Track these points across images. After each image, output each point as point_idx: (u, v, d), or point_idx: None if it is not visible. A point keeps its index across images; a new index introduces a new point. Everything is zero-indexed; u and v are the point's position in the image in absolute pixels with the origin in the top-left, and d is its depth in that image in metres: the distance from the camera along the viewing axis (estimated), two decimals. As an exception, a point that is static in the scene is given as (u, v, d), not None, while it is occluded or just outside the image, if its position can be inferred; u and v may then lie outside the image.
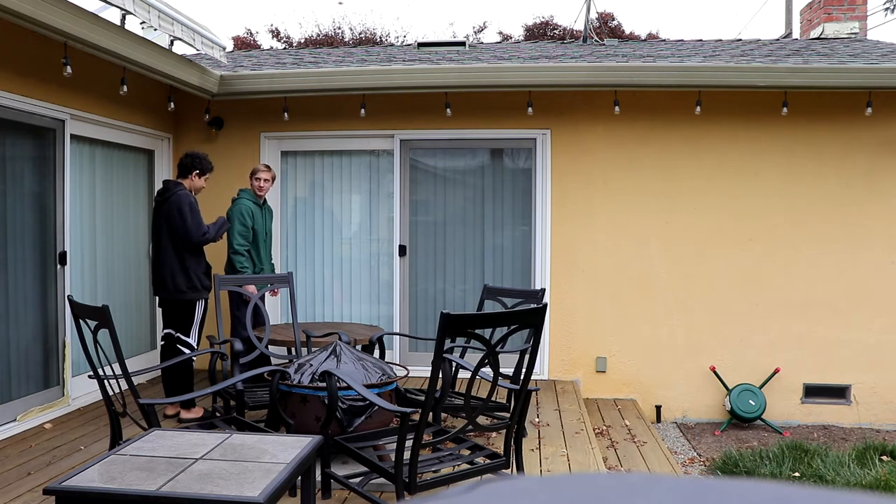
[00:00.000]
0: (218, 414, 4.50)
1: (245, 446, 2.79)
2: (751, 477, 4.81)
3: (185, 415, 4.97)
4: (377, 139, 6.71)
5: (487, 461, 3.33)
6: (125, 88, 5.32)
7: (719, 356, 6.32)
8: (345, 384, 3.56)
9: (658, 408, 6.39)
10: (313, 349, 4.72)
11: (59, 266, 5.22)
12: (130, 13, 4.79)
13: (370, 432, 3.62)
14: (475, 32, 20.21)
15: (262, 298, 5.10)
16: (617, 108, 6.12)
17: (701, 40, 8.53)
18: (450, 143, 6.65)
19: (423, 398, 4.07)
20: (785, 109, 6.02)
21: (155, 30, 5.34)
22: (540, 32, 18.83)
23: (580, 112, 6.42)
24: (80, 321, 3.51)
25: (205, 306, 5.01)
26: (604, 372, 6.44)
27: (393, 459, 3.16)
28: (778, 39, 8.83)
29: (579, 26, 11.32)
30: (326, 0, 28.68)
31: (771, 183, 6.28)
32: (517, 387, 3.54)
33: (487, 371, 3.19)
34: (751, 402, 6.01)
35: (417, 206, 6.72)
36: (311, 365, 3.90)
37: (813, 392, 6.29)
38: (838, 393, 6.28)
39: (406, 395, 4.41)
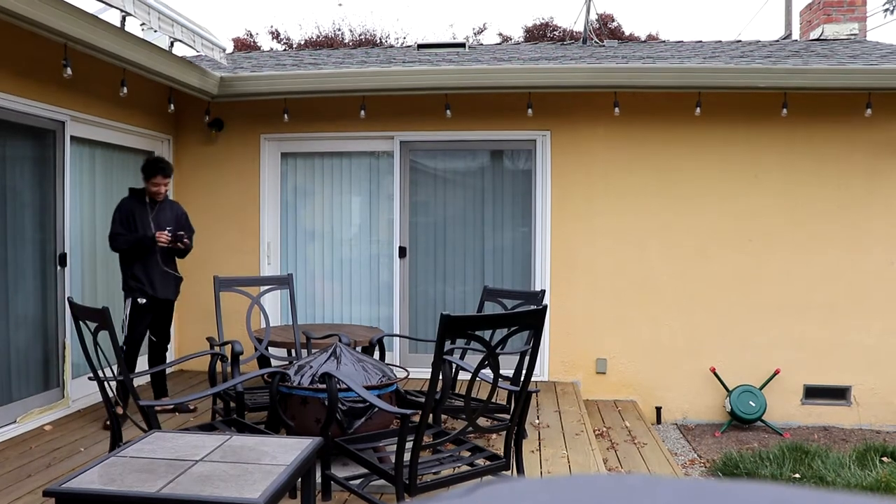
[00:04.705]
0: (218, 415, 4.50)
1: (245, 448, 2.78)
2: (751, 478, 4.81)
3: None
4: (377, 140, 6.71)
5: (488, 463, 3.33)
6: (125, 90, 5.32)
7: (719, 357, 6.31)
8: (345, 386, 3.56)
9: (658, 409, 6.39)
10: (313, 351, 4.72)
11: (59, 268, 5.22)
12: (130, 15, 4.79)
13: (370, 434, 3.62)
14: (475, 34, 20.24)
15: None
16: (617, 110, 6.12)
17: (700, 41, 8.53)
18: (450, 145, 6.65)
19: (423, 400, 4.07)
20: (785, 110, 6.02)
21: (155, 31, 5.34)
22: (540, 34, 18.84)
23: (580, 113, 6.42)
24: (80, 323, 3.51)
25: (131, 307, 5.02)
26: (604, 373, 6.44)
27: (393, 461, 3.16)
28: (777, 40, 8.83)
29: (579, 28, 11.33)
30: (326, 1, 28.71)
31: (771, 184, 6.28)
32: (517, 388, 3.54)
33: (487, 373, 3.19)
34: (751, 403, 6.01)
35: (417, 208, 6.72)
36: (311, 367, 3.90)
37: (813, 393, 6.28)
38: (838, 394, 6.28)
39: (406, 397, 4.41)
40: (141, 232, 4.99)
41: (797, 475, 4.92)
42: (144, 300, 5.01)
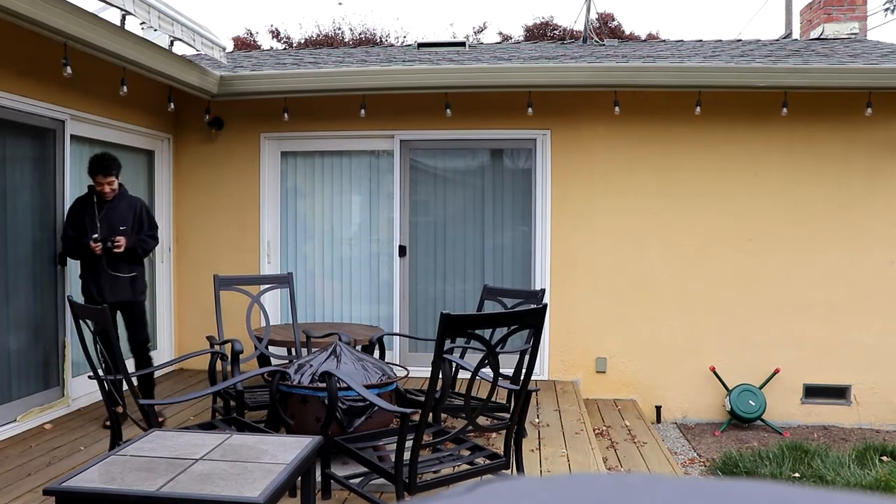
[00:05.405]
0: (218, 414, 4.50)
1: (245, 447, 2.79)
2: (751, 477, 4.80)
3: None
4: (377, 139, 6.71)
5: (487, 462, 3.33)
6: (125, 89, 5.32)
7: (719, 356, 6.31)
8: (345, 385, 3.56)
9: (658, 408, 6.39)
10: (313, 350, 4.72)
11: (59, 266, 5.22)
12: (130, 14, 4.79)
13: (370, 433, 3.62)
14: (475, 33, 20.24)
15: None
16: (617, 109, 6.12)
17: (701, 41, 8.53)
18: (450, 144, 6.65)
19: (423, 399, 4.07)
20: (785, 110, 6.02)
21: (155, 30, 5.34)
22: (540, 33, 18.84)
23: (580, 112, 6.41)
24: (80, 322, 3.52)
25: None
26: (604, 372, 6.44)
27: (393, 460, 3.16)
28: (778, 40, 8.82)
29: (579, 27, 11.33)
30: (326, 0, 28.70)
31: (771, 183, 6.28)
32: (517, 387, 3.54)
33: (487, 371, 3.19)
34: (751, 402, 6.01)
35: (417, 207, 6.72)
36: (311, 365, 3.90)
37: (813, 392, 6.28)
38: (838, 393, 6.28)
39: (406, 396, 4.41)
40: (89, 233, 4.78)
41: (797, 474, 4.92)
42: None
